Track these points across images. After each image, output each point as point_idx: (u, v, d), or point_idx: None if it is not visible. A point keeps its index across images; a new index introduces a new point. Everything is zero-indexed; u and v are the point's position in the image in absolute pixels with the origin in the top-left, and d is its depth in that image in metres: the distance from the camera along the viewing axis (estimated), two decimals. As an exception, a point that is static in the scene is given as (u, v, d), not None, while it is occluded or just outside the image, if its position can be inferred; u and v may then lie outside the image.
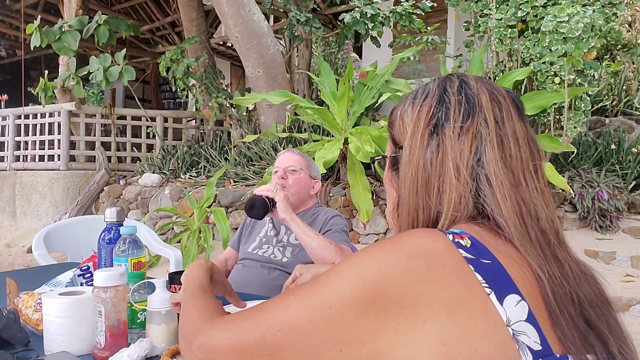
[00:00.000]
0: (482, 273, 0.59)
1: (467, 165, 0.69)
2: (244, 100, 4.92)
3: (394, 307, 0.58)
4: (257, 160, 5.61)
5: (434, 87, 0.76)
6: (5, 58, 11.55)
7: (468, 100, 0.72)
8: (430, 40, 5.92)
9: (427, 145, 0.71)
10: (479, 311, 0.57)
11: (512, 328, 0.57)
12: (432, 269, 0.59)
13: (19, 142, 7.08)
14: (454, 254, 0.60)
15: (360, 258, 0.63)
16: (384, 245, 0.63)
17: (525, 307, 0.58)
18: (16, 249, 5.94)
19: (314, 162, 2.06)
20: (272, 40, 5.66)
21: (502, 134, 0.71)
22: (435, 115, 0.72)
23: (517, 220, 0.66)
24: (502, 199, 0.67)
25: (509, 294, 0.59)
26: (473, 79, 0.76)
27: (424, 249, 0.61)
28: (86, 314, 1.03)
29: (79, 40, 5.96)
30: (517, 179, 0.69)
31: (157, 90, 12.68)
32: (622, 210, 4.42)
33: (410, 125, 0.75)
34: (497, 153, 0.69)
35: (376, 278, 0.60)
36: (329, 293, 0.61)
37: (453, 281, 0.58)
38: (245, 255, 1.94)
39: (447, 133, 0.71)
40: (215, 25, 10.08)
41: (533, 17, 3.98)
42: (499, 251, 0.63)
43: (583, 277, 0.67)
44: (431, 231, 0.64)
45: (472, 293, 0.58)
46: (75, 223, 2.82)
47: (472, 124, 0.70)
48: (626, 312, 3.19)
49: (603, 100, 5.82)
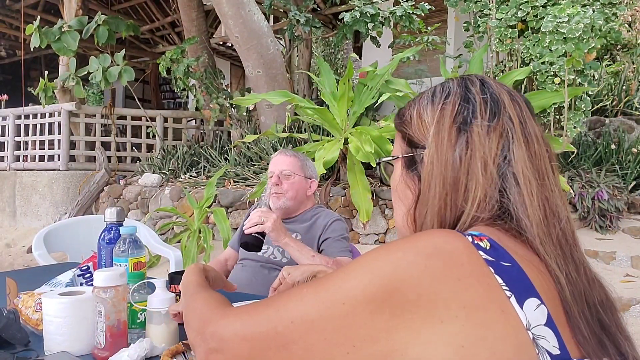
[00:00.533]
0: (502, 275, 0.58)
1: (495, 163, 0.69)
2: (244, 101, 4.92)
3: (410, 305, 0.57)
4: (257, 160, 5.61)
5: (454, 86, 0.76)
6: (5, 58, 11.54)
7: (493, 99, 0.72)
8: (430, 40, 5.92)
9: (456, 142, 0.70)
10: (499, 313, 0.57)
11: (532, 332, 0.57)
12: (451, 269, 0.58)
13: (19, 142, 7.08)
14: (472, 254, 0.60)
15: (376, 255, 0.62)
16: (401, 244, 0.62)
17: (544, 311, 0.58)
18: (16, 249, 5.94)
19: (309, 160, 2.03)
20: (272, 40, 5.66)
21: (526, 133, 0.71)
22: (461, 113, 0.72)
23: (541, 220, 0.66)
24: (529, 197, 0.67)
25: (529, 297, 0.58)
26: (492, 80, 0.76)
27: (443, 249, 0.60)
28: (86, 314, 1.03)
29: (78, 40, 5.96)
30: (542, 177, 0.69)
31: (157, 90, 12.68)
32: (622, 210, 4.42)
33: (433, 123, 0.74)
34: (524, 151, 0.69)
35: (393, 276, 0.59)
36: (343, 290, 0.61)
37: (472, 282, 0.58)
38: (244, 255, 1.94)
39: (475, 130, 0.70)
40: (215, 25, 10.08)
41: (533, 17, 3.98)
42: (518, 254, 0.62)
43: (596, 281, 0.68)
44: (450, 232, 0.64)
45: (491, 295, 0.57)
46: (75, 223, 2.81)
47: (498, 122, 0.70)
48: (626, 312, 3.19)
49: (603, 101, 5.82)
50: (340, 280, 0.62)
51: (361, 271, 0.61)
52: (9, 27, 10.21)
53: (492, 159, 0.69)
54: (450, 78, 0.79)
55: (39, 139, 6.86)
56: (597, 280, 0.68)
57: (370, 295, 0.59)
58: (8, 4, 8.93)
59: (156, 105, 11.97)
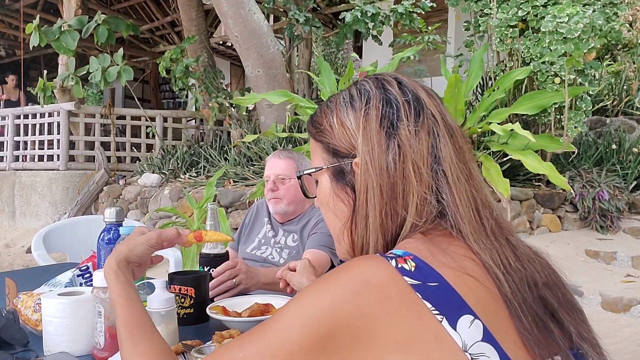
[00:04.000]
0: (431, 299, 0.57)
1: (427, 164, 0.67)
2: (244, 100, 4.91)
3: (346, 350, 0.56)
4: (257, 160, 5.61)
5: (372, 88, 0.72)
6: (4, 58, 11.53)
7: (414, 98, 0.70)
8: (431, 40, 5.92)
9: (387, 147, 0.68)
10: (433, 341, 0.55)
11: (469, 353, 0.55)
12: (381, 304, 0.57)
13: (18, 142, 7.07)
14: (399, 282, 0.58)
15: (305, 301, 0.60)
16: (327, 284, 0.60)
17: (479, 326, 0.57)
18: (15, 249, 5.93)
19: (306, 159, 1.97)
20: (272, 40, 5.65)
21: (449, 127, 0.70)
22: (386, 117, 0.69)
23: (473, 216, 0.65)
24: (459, 194, 0.66)
25: (462, 315, 0.57)
26: (405, 78, 0.74)
27: (369, 283, 0.58)
28: (85, 314, 1.02)
29: (78, 39, 5.95)
30: (468, 170, 0.69)
31: (156, 90, 12.67)
32: (623, 210, 4.42)
33: (359, 129, 0.70)
34: (450, 148, 0.68)
35: (323, 323, 0.57)
36: (276, 346, 0.59)
37: (403, 313, 0.56)
38: (243, 255, 1.95)
39: (404, 133, 0.68)
40: (215, 24, 10.07)
41: (534, 16, 3.98)
42: (446, 266, 0.60)
43: (537, 259, 0.67)
44: (374, 259, 0.61)
45: (423, 323, 0.56)
46: (74, 223, 2.81)
47: (424, 121, 0.69)
48: (627, 312, 3.19)
49: (604, 100, 5.82)
50: (273, 337, 0.60)
51: (292, 323, 0.59)
52: (8, 27, 10.20)
53: (424, 161, 0.67)
54: (364, 79, 0.75)
55: (38, 139, 6.84)
56: (538, 259, 0.68)
57: (305, 347, 0.57)
58: (7, 4, 8.92)
59: (156, 105, 11.95)
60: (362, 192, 0.69)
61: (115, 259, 0.90)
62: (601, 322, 3.09)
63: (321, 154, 0.76)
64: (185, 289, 1.29)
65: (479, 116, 4.04)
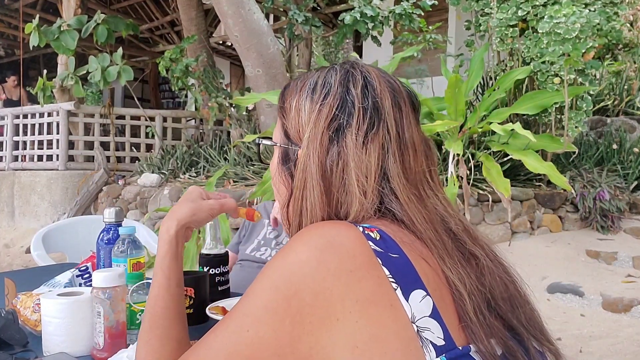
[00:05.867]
0: (390, 267, 0.57)
1: (373, 178, 0.65)
2: (244, 100, 4.91)
3: (308, 308, 0.55)
4: (256, 160, 5.61)
5: (335, 83, 0.69)
6: (3, 57, 11.53)
7: (374, 106, 0.67)
8: (431, 39, 5.91)
9: (327, 151, 0.66)
10: (388, 308, 0.56)
11: (416, 324, 0.56)
12: (344, 261, 0.57)
13: (18, 142, 7.06)
14: (364, 245, 0.58)
15: (274, 264, 0.60)
16: (294, 244, 0.60)
17: (429, 302, 0.57)
18: (15, 249, 5.93)
19: None
20: (272, 40, 5.65)
21: (402, 145, 0.67)
22: (337, 120, 0.66)
23: (432, 231, 0.64)
24: (412, 212, 0.65)
25: (415, 289, 0.57)
26: (376, 77, 0.70)
27: (335, 241, 0.58)
28: (85, 314, 1.02)
29: (77, 39, 5.95)
30: (418, 191, 0.67)
31: (156, 89, 12.66)
32: (624, 210, 4.42)
33: (308, 124, 0.68)
34: (398, 167, 0.66)
35: (289, 281, 0.57)
36: (245, 316, 0.58)
37: (364, 274, 0.56)
38: (243, 256, 1.96)
39: (349, 141, 0.65)
40: (215, 24, 10.07)
41: (533, 16, 3.98)
42: (406, 244, 0.61)
43: (501, 267, 0.67)
44: (342, 223, 0.62)
45: (381, 288, 0.56)
46: (74, 223, 2.81)
47: (376, 133, 0.66)
48: (628, 312, 3.18)
49: (604, 100, 5.82)
50: (240, 309, 0.60)
51: (260, 290, 0.59)
52: (7, 27, 10.19)
53: (370, 174, 0.65)
54: (339, 65, 0.72)
55: (38, 139, 6.84)
56: (505, 268, 0.68)
57: (271, 310, 0.57)
58: (7, 3, 8.91)
59: (155, 104, 11.95)
60: (299, 188, 0.68)
61: (176, 224, 0.84)
62: (602, 322, 3.08)
63: (279, 130, 0.75)
64: (185, 289, 1.28)
65: (479, 116, 4.04)
